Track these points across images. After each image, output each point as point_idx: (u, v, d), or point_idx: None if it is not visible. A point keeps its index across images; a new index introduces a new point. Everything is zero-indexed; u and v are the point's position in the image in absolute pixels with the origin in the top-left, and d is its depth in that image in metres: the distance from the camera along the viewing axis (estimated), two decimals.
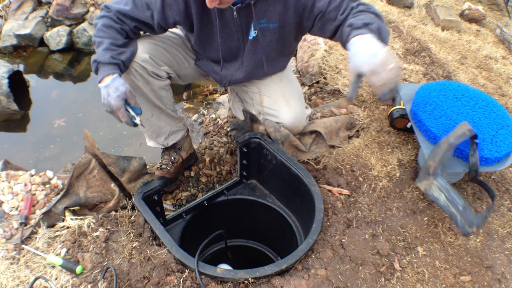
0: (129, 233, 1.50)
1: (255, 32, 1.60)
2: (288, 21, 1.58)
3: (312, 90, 2.49)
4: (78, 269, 1.34)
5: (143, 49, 1.68)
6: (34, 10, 3.68)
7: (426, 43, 3.01)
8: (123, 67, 1.57)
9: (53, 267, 1.37)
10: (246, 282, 1.36)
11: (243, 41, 1.65)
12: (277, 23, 1.58)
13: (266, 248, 2.05)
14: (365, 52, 1.28)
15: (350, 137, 2.05)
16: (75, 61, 3.59)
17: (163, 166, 2.07)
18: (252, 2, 1.50)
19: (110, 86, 1.46)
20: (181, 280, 1.36)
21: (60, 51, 3.60)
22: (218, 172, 2.26)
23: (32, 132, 2.93)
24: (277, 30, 1.60)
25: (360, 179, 1.83)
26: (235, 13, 1.53)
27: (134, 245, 1.46)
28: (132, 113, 1.52)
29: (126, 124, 1.51)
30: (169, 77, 1.84)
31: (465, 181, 1.84)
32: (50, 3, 3.64)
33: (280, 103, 1.82)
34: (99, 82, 1.50)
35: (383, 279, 1.47)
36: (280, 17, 1.57)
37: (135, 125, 1.54)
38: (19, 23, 3.58)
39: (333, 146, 1.98)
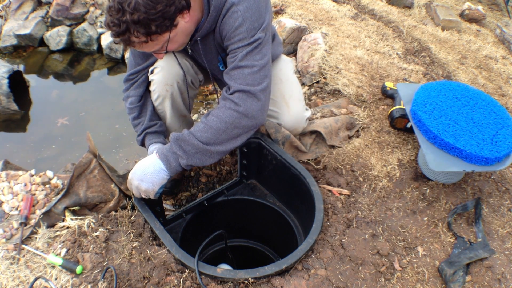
0: (129, 233, 1.50)
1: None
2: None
3: (312, 90, 2.49)
4: (78, 269, 1.34)
5: (185, 60, 1.75)
6: (34, 10, 3.68)
7: (426, 43, 3.01)
8: (151, 128, 1.76)
9: (53, 267, 1.37)
10: (246, 282, 1.36)
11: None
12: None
13: (266, 248, 2.05)
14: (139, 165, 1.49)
15: (350, 137, 2.05)
16: (75, 61, 3.59)
17: None
18: (199, 38, 1.54)
19: (157, 169, 1.46)
20: (181, 280, 1.36)
21: (60, 51, 3.60)
22: (218, 172, 2.26)
23: (32, 132, 2.93)
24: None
25: (360, 179, 1.83)
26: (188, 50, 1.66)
27: (134, 245, 1.46)
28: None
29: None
30: (199, 84, 1.91)
31: (465, 181, 1.85)
32: (50, 3, 3.64)
33: (280, 104, 1.82)
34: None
35: (383, 279, 1.47)
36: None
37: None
38: (19, 23, 3.58)
39: (333, 146, 1.98)
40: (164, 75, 1.71)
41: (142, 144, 1.78)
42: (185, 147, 1.44)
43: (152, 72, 1.75)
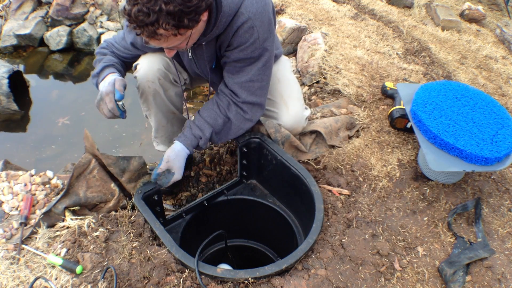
0: (129, 233, 1.50)
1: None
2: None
3: (312, 90, 2.49)
4: (78, 269, 1.34)
5: (167, 58, 1.74)
6: (34, 10, 3.68)
7: (426, 43, 3.01)
8: (118, 66, 1.72)
9: (53, 267, 1.37)
10: (246, 282, 1.36)
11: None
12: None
13: (266, 248, 2.05)
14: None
15: (350, 137, 2.05)
16: (75, 61, 3.59)
17: None
18: (204, 42, 1.55)
19: (106, 81, 1.60)
20: (181, 280, 1.36)
21: (60, 51, 3.60)
22: (218, 172, 2.26)
23: (32, 132, 2.93)
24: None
25: (360, 179, 1.83)
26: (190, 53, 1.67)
27: (134, 245, 1.46)
28: (120, 103, 1.59)
29: (111, 111, 1.58)
30: (185, 83, 1.90)
31: (465, 181, 1.85)
32: (50, 3, 3.64)
33: (279, 104, 1.82)
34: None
35: (383, 279, 1.47)
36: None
37: (122, 113, 1.60)
38: (19, 23, 3.58)
39: (333, 146, 1.98)
40: (145, 72, 1.72)
41: (101, 70, 1.68)
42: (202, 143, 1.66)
43: (135, 69, 1.76)
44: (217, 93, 1.70)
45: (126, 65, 1.82)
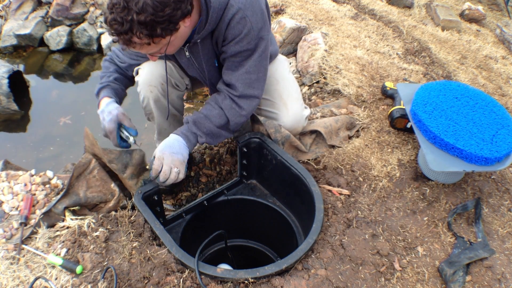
0: (129, 233, 1.50)
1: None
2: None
3: (312, 90, 2.49)
4: (78, 269, 1.34)
5: (168, 62, 1.75)
6: (34, 10, 3.68)
7: (426, 43, 3.01)
8: (114, 85, 1.74)
9: (53, 267, 1.37)
10: (246, 282, 1.36)
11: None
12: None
13: (266, 248, 2.05)
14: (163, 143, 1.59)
15: (350, 137, 2.05)
16: (75, 61, 3.59)
17: None
18: (199, 40, 1.55)
19: (104, 111, 1.63)
20: (181, 280, 1.36)
21: (60, 51, 3.60)
22: (218, 172, 2.26)
23: (32, 132, 2.93)
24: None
25: (360, 179, 1.83)
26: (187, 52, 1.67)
27: (134, 245, 1.46)
28: (126, 133, 1.67)
29: (116, 146, 1.67)
30: (186, 88, 1.91)
31: (465, 181, 1.85)
32: (50, 3, 3.64)
33: (278, 105, 1.81)
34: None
35: (383, 279, 1.47)
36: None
37: (127, 146, 1.67)
38: (19, 23, 3.58)
39: (333, 146, 1.98)
40: (147, 76, 1.73)
41: (98, 92, 1.74)
42: (202, 128, 1.61)
43: (137, 73, 1.77)
44: (216, 94, 1.70)
45: (129, 78, 1.84)
